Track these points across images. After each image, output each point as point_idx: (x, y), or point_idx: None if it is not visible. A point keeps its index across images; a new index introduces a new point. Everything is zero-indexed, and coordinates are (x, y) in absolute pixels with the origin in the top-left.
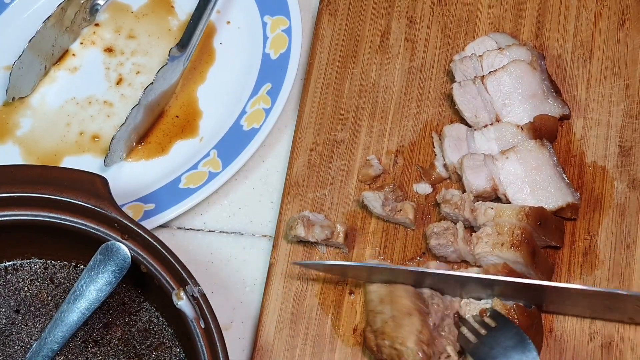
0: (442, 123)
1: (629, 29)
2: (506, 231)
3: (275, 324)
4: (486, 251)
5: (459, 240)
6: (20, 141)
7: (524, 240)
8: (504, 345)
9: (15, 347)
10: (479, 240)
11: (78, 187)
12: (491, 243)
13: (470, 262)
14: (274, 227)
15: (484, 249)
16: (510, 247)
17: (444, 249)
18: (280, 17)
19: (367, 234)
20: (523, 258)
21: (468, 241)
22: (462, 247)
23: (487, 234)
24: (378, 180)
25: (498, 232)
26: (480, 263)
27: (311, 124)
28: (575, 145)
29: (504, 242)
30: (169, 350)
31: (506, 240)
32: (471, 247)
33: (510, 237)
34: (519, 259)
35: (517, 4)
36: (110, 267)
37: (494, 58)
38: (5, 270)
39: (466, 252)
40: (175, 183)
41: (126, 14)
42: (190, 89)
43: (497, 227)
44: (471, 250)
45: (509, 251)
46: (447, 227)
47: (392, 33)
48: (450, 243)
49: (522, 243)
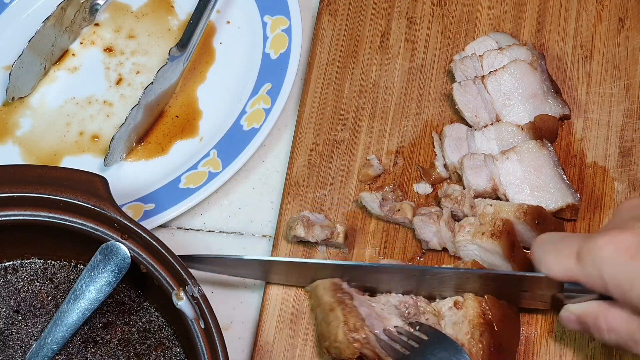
0: (442, 123)
1: (629, 29)
2: (488, 221)
3: (275, 324)
4: (466, 239)
5: (441, 222)
6: (20, 141)
7: (504, 231)
8: (439, 356)
9: (15, 347)
10: (461, 229)
11: (78, 187)
12: (472, 231)
13: (450, 250)
14: (274, 227)
15: (464, 237)
16: (490, 236)
17: (426, 226)
18: (280, 17)
19: (367, 234)
20: (501, 249)
21: (451, 228)
22: (444, 230)
23: (469, 223)
24: (378, 180)
25: (481, 222)
26: (460, 253)
27: (311, 124)
28: (575, 146)
29: (485, 231)
30: (168, 350)
31: (487, 229)
32: (453, 233)
33: (492, 227)
34: (498, 249)
35: (517, 3)
36: (110, 267)
37: (494, 58)
38: (5, 270)
39: (447, 237)
40: (175, 183)
41: (126, 14)
42: (190, 88)
43: (481, 217)
44: (453, 236)
45: (488, 240)
46: (434, 211)
47: (392, 33)
48: (432, 223)
49: (502, 234)
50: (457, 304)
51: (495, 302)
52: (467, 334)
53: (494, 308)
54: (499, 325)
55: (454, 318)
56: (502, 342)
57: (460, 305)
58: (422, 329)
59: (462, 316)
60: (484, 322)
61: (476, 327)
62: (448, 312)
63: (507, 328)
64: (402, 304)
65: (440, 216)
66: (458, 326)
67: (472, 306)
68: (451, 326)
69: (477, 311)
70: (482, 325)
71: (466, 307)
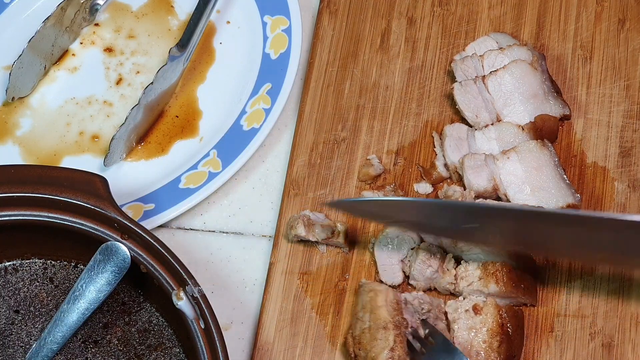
0: (442, 123)
1: (629, 30)
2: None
3: (275, 324)
4: (471, 289)
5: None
6: (20, 141)
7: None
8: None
9: (15, 347)
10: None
11: (78, 187)
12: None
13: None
14: (274, 227)
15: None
16: (495, 283)
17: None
18: (280, 17)
19: (367, 233)
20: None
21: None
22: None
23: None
24: (378, 180)
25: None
26: (464, 257)
27: (311, 123)
28: (575, 146)
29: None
30: (168, 350)
31: (491, 281)
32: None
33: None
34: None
35: (518, 4)
36: (110, 267)
37: (494, 58)
38: (5, 270)
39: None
40: (175, 183)
41: (126, 14)
42: (190, 88)
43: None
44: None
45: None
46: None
47: (392, 33)
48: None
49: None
50: (476, 308)
51: (512, 312)
52: (485, 342)
53: (512, 318)
54: (513, 335)
55: (470, 322)
56: (515, 351)
57: (479, 310)
58: (431, 334)
59: (480, 323)
60: (502, 332)
61: (495, 336)
62: (464, 315)
63: (518, 336)
64: (417, 299)
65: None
66: (474, 332)
67: (491, 313)
68: (466, 330)
69: (497, 321)
70: (501, 336)
71: (485, 313)
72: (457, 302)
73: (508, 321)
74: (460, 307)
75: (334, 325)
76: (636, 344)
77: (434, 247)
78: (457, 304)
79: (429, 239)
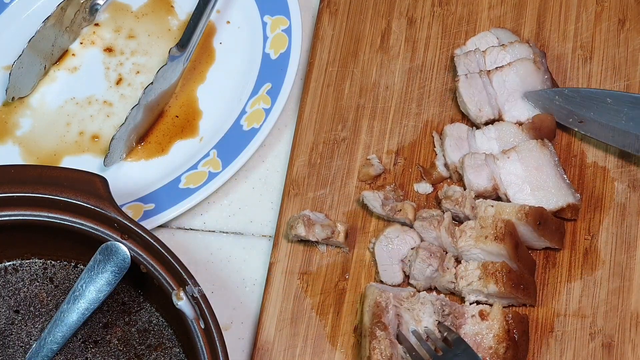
0: (442, 122)
1: (629, 30)
2: (490, 224)
3: (275, 324)
4: (469, 244)
5: (442, 228)
6: (20, 141)
7: (507, 232)
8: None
9: (15, 347)
10: (462, 234)
11: (78, 187)
12: (474, 236)
13: (453, 254)
14: (274, 227)
15: (467, 242)
16: (494, 239)
17: (426, 232)
18: (280, 17)
19: (367, 233)
20: (507, 251)
21: (452, 233)
22: (444, 236)
23: (470, 227)
24: (378, 180)
25: (481, 225)
26: (464, 257)
27: (311, 123)
28: (575, 145)
29: (488, 234)
30: (168, 350)
31: (490, 233)
32: (454, 239)
33: (494, 229)
34: (503, 252)
35: (518, 4)
36: (110, 267)
37: (497, 54)
38: (5, 270)
39: (448, 243)
40: (175, 183)
41: (126, 14)
42: (190, 88)
43: (481, 220)
44: (454, 242)
45: (492, 243)
46: (435, 215)
47: (392, 33)
48: (433, 228)
49: (505, 236)
50: (482, 314)
51: (519, 317)
52: (491, 349)
53: (519, 324)
54: (519, 341)
55: (476, 328)
56: (521, 356)
57: (485, 316)
58: (450, 336)
59: (487, 328)
60: (508, 338)
61: (501, 342)
62: (471, 320)
63: (524, 342)
64: (439, 301)
65: (441, 221)
66: (480, 337)
67: (498, 319)
68: (472, 335)
69: (503, 327)
70: (507, 342)
71: (492, 319)
72: (463, 307)
73: (514, 327)
74: (467, 313)
75: (334, 325)
76: (636, 344)
77: (434, 247)
78: (464, 309)
79: (429, 238)
